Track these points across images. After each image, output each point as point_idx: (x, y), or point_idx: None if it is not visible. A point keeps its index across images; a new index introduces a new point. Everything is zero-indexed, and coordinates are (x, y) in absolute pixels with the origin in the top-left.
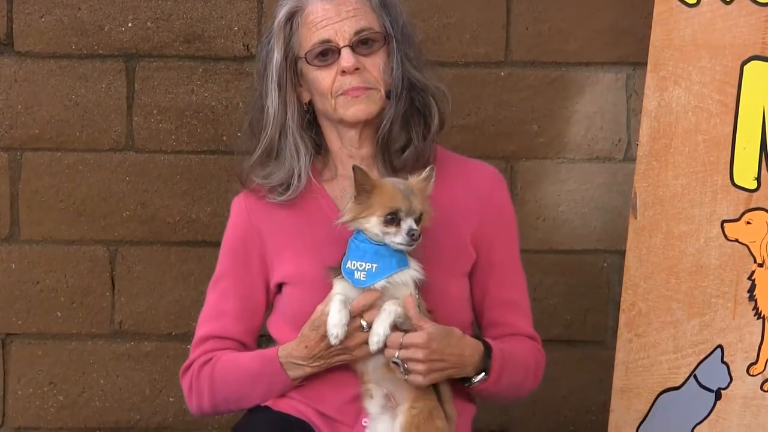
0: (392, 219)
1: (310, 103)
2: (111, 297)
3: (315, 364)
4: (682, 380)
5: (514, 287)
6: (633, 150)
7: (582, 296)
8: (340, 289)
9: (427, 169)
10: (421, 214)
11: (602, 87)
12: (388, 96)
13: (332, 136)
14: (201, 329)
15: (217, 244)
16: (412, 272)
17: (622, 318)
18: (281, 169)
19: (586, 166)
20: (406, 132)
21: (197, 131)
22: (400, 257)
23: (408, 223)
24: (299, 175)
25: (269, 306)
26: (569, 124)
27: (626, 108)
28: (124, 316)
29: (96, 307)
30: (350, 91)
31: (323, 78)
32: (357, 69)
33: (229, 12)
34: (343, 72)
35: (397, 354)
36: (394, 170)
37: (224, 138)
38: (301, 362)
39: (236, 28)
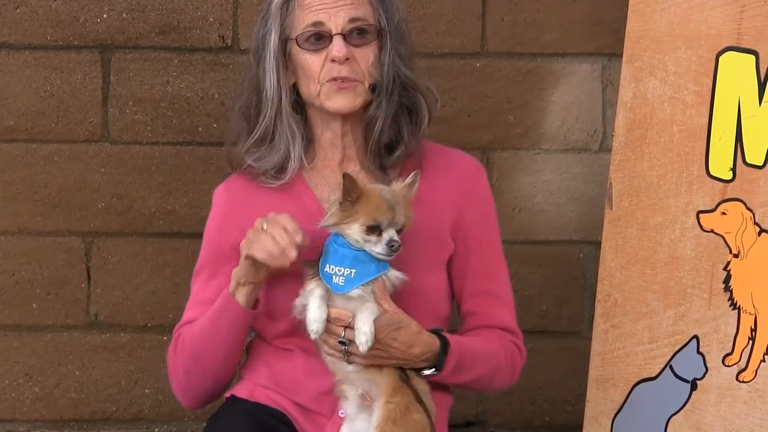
0: (374, 228)
1: (295, 86)
2: (87, 288)
3: (242, 270)
4: (658, 371)
5: (493, 277)
6: (609, 141)
7: (558, 287)
8: (315, 287)
9: (412, 174)
10: (403, 225)
11: (578, 78)
12: (372, 90)
13: (316, 122)
14: (184, 316)
15: (193, 235)
16: (391, 277)
17: (598, 309)
18: (274, 153)
19: (562, 157)
20: (396, 131)
21: (173, 122)
22: (380, 262)
23: (389, 234)
24: (294, 159)
25: None
26: (545, 115)
27: (602, 99)
28: (100, 308)
29: (72, 298)
30: (336, 81)
31: (312, 62)
32: (347, 59)
33: (205, 3)
34: (333, 60)
35: (343, 333)
36: (384, 169)
37: (200, 129)
38: (242, 278)
39: (212, 19)
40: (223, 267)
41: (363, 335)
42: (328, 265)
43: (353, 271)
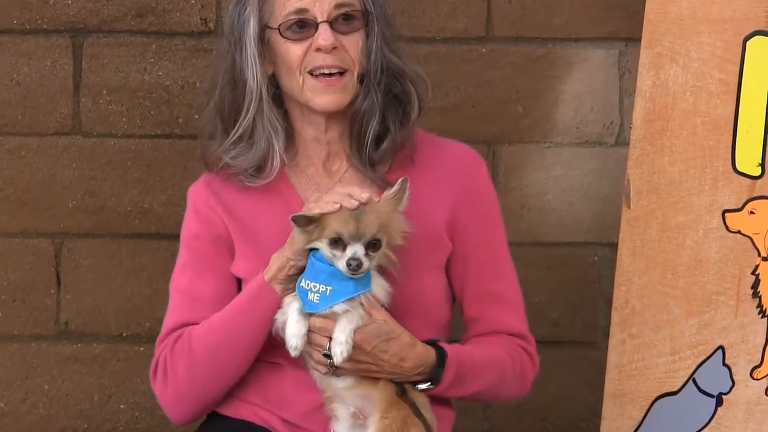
0: (337, 242)
1: (273, 76)
2: (56, 294)
3: (291, 250)
4: (680, 384)
5: (497, 278)
6: (626, 133)
7: (570, 293)
8: (292, 300)
9: (399, 181)
10: (377, 240)
11: (592, 65)
12: (360, 80)
13: (296, 117)
14: (168, 322)
15: (172, 237)
16: (375, 294)
17: (615, 317)
18: (254, 150)
19: (575, 151)
20: (383, 122)
21: (150, 113)
22: (362, 277)
23: (352, 250)
24: (275, 156)
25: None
26: (556, 106)
27: (618, 88)
28: (71, 315)
29: (40, 305)
30: (323, 79)
31: (293, 51)
32: (334, 48)
33: None
34: (318, 49)
35: (327, 345)
36: (372, 164)
37: (180, 120)
38: (278, 264)
39: (193, 1)
40: (212, 266)
41: (338, 345)
42: (304, 280)
43: (329, 288)
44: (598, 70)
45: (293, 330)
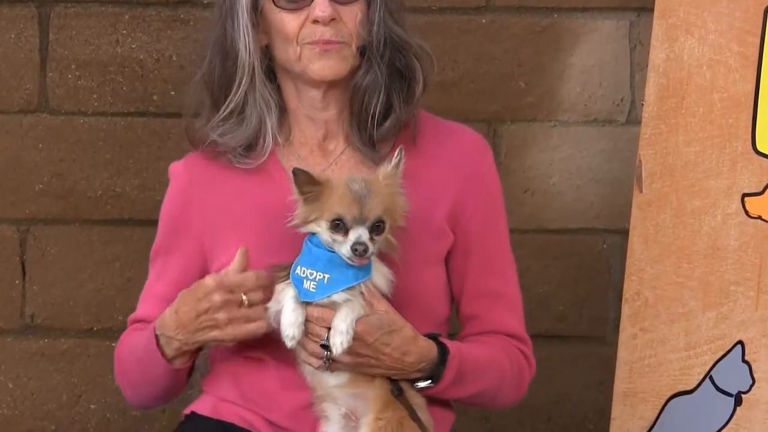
0: (339, 225)
1: (267, 48)
2: (21, 286)
3: (181, 337)
4: (696, 382)
5: (498, 275)
6: (637, 111)
7: (577, 284)
8: (287, 287)
9: (397, 152)
10: (381, 223)
11: (601, 36)
12: (361, 53)
13: (290, 92)
14: (137, 309)
15: (147, 223)
16: (376, 283)
17: (625, 309)
18: (245, 127)
19: (582, 130)
20: (387, 98)
21: (123, 89)
22: (360, 267)
23: (356, 234)
24: (268, 134)
25: None
26: (562, 81)
27: (629, 61)
28: (37, 308)
29: (3, 297)
30: (320, 43)
31: (289, 22)
32: (333, 19)
33: None
34: (315, 21)
35: (325, 336)
36: (373, 143)
37: (155, 97)
38: (171, 333)
39: None
40: (178, 251)
41: (339, 335)
42: (299, 267)
43: (326, 276)
44: (608, 43)
45: (289, 319)
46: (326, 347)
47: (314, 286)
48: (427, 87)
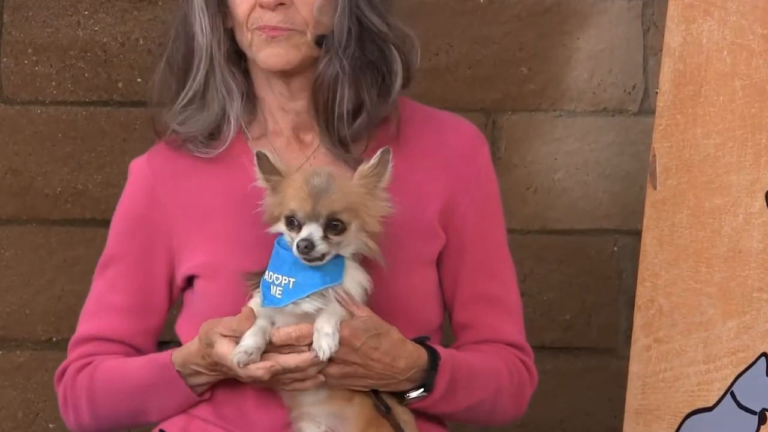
0: (292, 221)
1: (233, 31)
2: None
3: (214, 372)
4: (716, 399)
5: (494, 279)
6: (651, 100)
7: (585, 290)
8: (257, 305)
9: (379, 152)
10: (338, 222)
11: (611, 18)
12: (317, 43)
13: (259, 80)
14: (82, 326)
15: (110, 223)
16: (348, 290)
17: (638, 318)
18: (205, 114)
19: (591, 121)
20: (355, 93)
21: (84, 76)
22: (332, 268)
23: (307, 230)
24: (231, 121)
25: (173, 303)
26: (568, 66)
27: (642, 45)
28: None
29: None
30: (266, 29)
31: (240, 4)
32: (281, 4)
33: None
34: (261, 5)
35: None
36: (343, 144)
37: (120, 85)
38: (202, 369)
39: None
40: (139, 263)
41: (325, 338)
42: (267, 272)
43: (292, 280)
44: (618, 25)
45: (247, 343)
46: None
47: (280, 292)
48: (410, 80)
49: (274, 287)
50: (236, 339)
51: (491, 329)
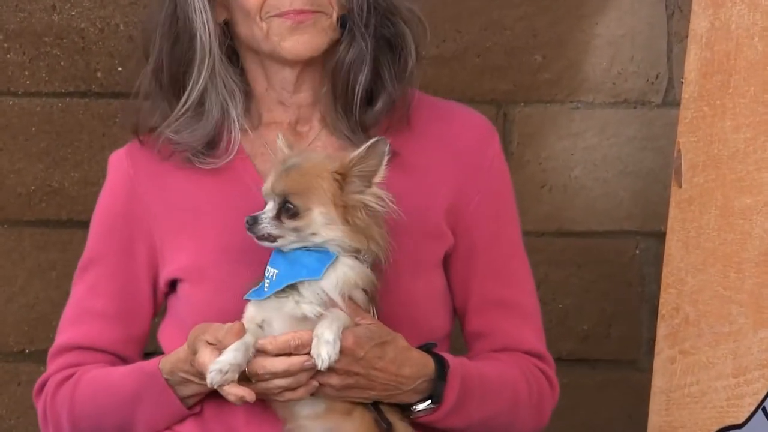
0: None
1: (226, 24)
2: None
3: (203, 381)
4: (747, 415)
5: (509, 282)
6: (676, 90)
7: (605, 297)
8: (252, 311)
9: (370, 142)
10: (291, 205)
11: (633, 1)
12: (342, 24)
13: (256, 74)
14: (61, 334)
15: (89, 224)
16: (324, 285)
17: (662, 328)
18: (204, 120)
19: (610, 113)
20: (375, 74)
21: (60, 65)
22: (313, 262)
23: (267, 208)
24: (234, 127)
25: (158, 308)
26: (586, 54)
27: (666, 31)
28: None
29: None
30: (291, 14)
31: None
32: None
33: None
34: None
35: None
36: (364, 128)
37: (99, 74)
38: (191, 377)
39: None
40: (121, 265)
41: (325, 345)
42: (268, 266)
43: (275, 271)
44: (641, 9)
45: (227, 359)
46: None
47: (268, 285)
48: (419, 58)
49: (267, 281)
50: (220, 350)
51: (507, 336)
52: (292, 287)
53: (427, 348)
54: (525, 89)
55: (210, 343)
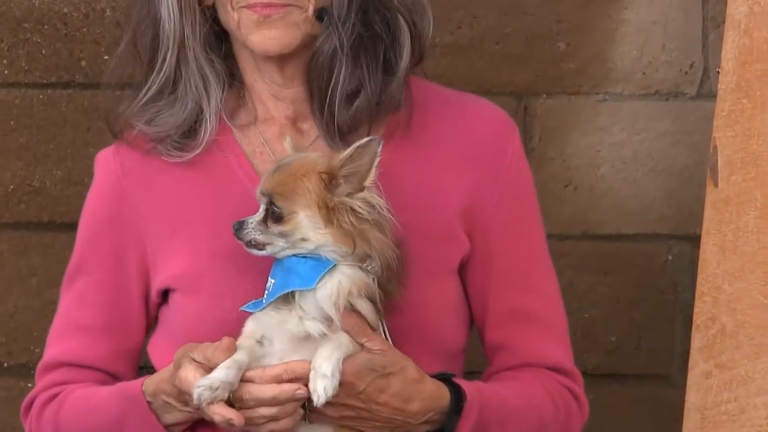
0: None
1: (214, 9)
2: None
3: (187, 407)
4: None
5: (531, 290)
6: (712, 81)
7: (634, 306)
8: (251, 326)
9: (358, 143)
10: (275, 207)
11: None
12: (319, 17)
13: (247, 64)
14: (49, 348)
15: (73, 226)
16: (318, 296)
17: (696, 339)
18: (177, 108)
19: (641, 106)
20: (355, 73)
21: (42, 53)
22: (307, 271)
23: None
24: (209, 117)
25: (152, 319)
26: (614, 42)
27: (701, 16)
28: None
29: None
30: (257, 7)
31: None
32: None
33: None
34: None
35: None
36: (341, 133)
37: (83, 63)
38: (173, 401)
39: None
40: (110, 274)
41: (321, 380)
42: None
43: (272, 282)
44: None
45: (218, 376)
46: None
47: (266, 296)
48: (423, 54)
49: (266, 291)
50: (207, 369)
51: (530, 351)
52: (293, 300)
53: (444, 377)
54: (547, 80)
55: (195, 361)
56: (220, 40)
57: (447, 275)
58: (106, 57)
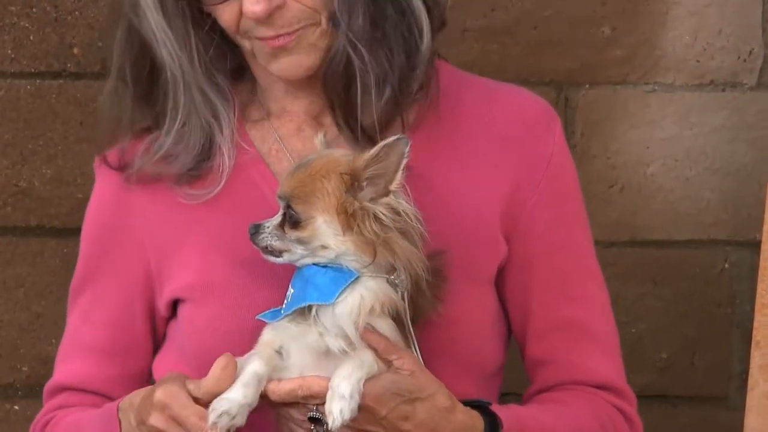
0: None
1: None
2: None
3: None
4: None
5: (576, 299)
6: None
7: (688, 319)
8: (270, 334)
9: (383, 143)
10: (293, 211)
11: None
12: (335, 23)
13: (258, 68)
14: (57, 369)
15: (64, 231)
16: (337, 312)
17: (756, 356)
18: (184, 143)
19: (694, 98)
20: (377, 67)
21: (30, 39)
22: (327, 283)
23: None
24: (220, 151)
25: (159, 340)
26: (664, 27)
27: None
28: None
29: None
30: (267, 40)
31: (221, 15)
32: (277, 7)
33: None
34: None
35: (315, 408)
36: (365, 131)
37: (75, 50)
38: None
39: None
40: (113, 277)
41: (339, 400)
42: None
43: (291, 291)
44: None
45: (236, 397)
46: (316, 420)
47: (285, 306)
48: (443, 25)
49: (285, 300)
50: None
51: (575, 366)
52: (310, 314)
53: (480, 404)
54: (590, 68)
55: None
56: (222, 49)
57: (483, 285)
58: (100, 44)
